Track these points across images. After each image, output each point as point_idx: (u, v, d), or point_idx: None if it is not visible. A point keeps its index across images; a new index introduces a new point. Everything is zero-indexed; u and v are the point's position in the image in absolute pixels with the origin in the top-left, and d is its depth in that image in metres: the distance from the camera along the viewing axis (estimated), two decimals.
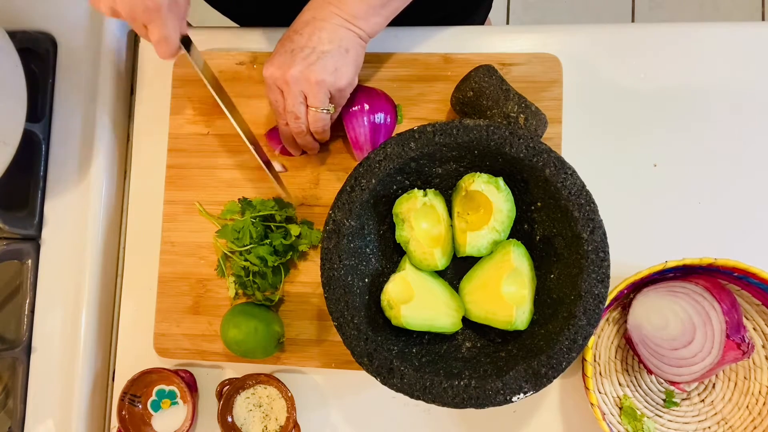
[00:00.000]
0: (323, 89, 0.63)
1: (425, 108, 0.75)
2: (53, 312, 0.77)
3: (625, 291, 0.68)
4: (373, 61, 0.75)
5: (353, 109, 0.69)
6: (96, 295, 0.77)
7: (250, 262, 0.71)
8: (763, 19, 1.72)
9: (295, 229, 0.72)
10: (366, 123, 0.68)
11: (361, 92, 0.70)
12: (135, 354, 0.77)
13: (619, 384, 0.71)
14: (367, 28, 0.65)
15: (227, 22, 0.96)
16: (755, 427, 0.66)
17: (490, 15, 1.08)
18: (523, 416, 0.73)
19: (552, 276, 0.64)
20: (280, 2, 0.76)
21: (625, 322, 0.68)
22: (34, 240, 0.78)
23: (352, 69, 0.65)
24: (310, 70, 0.62)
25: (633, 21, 1.72)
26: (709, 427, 0.69)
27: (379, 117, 0.69)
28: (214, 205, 0.76)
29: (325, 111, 0.65)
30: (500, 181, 0.63)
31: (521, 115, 0.66)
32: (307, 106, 0.65)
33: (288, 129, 0.69)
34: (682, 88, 0.74)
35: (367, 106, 0.69)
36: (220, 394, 0.73)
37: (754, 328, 0.69)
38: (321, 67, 0.62)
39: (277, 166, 0.74)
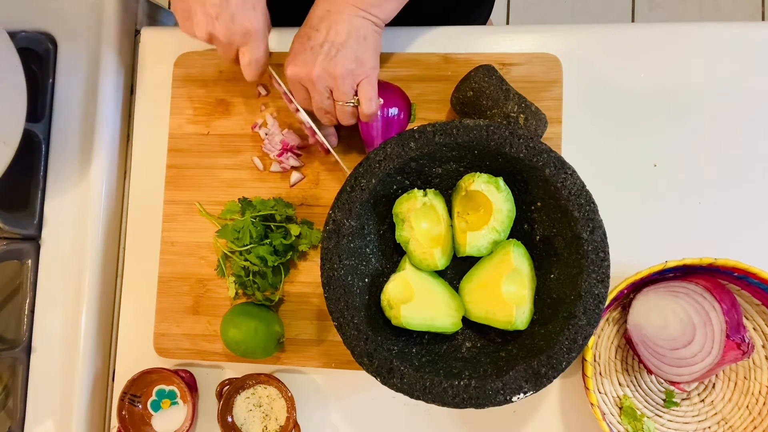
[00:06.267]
0: (347, 82, 0.64)
1: (425, 108, 0.75)
2: (53, 312, 0.77)
3: (625, 291, 0.68)
4: None
5: None
6: (96, 295, 0.77)
7: (250, 262, 0.71)
8: (763, 19, 1.72)
9: (295, 229, 0.72)
10: (379, 117, 0.68)
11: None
12: (135, 354, 0.77)
13: (619, 384, 0.71)
14: (382, 15, 0.65)
15: None
16: (755, 427, 0.66)
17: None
18: (523, 416, 0.73)
19: (552, 276, 0.64)
20: (291, 1, 0.76)
21: (625, 322, 0.68)
22: (34, 240, 0.78)
23: (372, 54, 0.65)
24: (332, 64, 0.62)
25: (633, 21, 1.72)
26: (709, 427, 0.69)
27: (393, 112, 0.69)
28: (214, 205, 0.76)
29: (350, 104, 0.65)
30: (500, 181, 0.63)
31: (521, 115, 0.66)
32: (334, 100, 0.65)
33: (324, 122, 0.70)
34: (682, 88, 0.74)
35: (381, 100, 0.69)
36: (220, 394, 0.73)
37: (754, 328, 0.69)
38: (342, 59, 0.63)
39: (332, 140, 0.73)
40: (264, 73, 0.68)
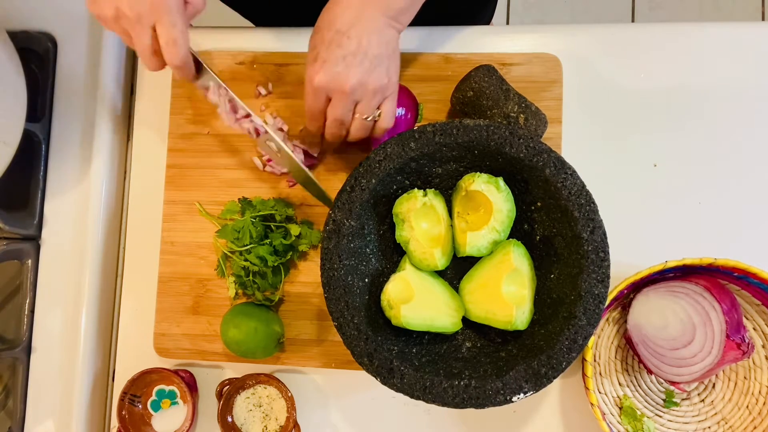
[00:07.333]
0: (377, 97, 0.62)
1: (425, 108, 0.75)
2: (53, 312, 0.77)
3: (625, 291, 0.68)
4: None
5: None
6: (96, 295, 0.77)
7: (250, 262, 0.71)
8: (763, 19, 1.72)
9: (295, 229, 0.72)
10: None
11: None
12: (135, 354, 0.77)
13: (619, 384, 0.71)
14: (406, 21, 0.64)
15: (236, 21, 0.96)
16: (755, 427, 0.66)
17: None
18: (523, 416, 0.73)
19: (552, 276, 0.64)
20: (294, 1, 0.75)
21: (625, 322, 0.68)
22: (34, 240, 0.78)
23: (397, 69, 0.64)
24: (368, 78, 0.60)
25: (633, 21, 1.72)
26: (709, 427, 0.69)
27: (400, 111, 0.69)
28: (214, 205, 0.76)
29: (371, 119, 0.63)
30: (500, 181, 0.63)
31: (521, 115, 0.66)
32: (354, 114, 0.63)
33: (315, 130, 0.67)
34: (682, 88, 0.74)
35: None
36: (220, 394, 0.73)
37: (754, 328, 0.69)
38: (377, 73, 0.60)
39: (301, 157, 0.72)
40: (187, 56, 0.61)
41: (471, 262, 0.66)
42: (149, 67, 0.62)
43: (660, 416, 0.70)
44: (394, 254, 0.68)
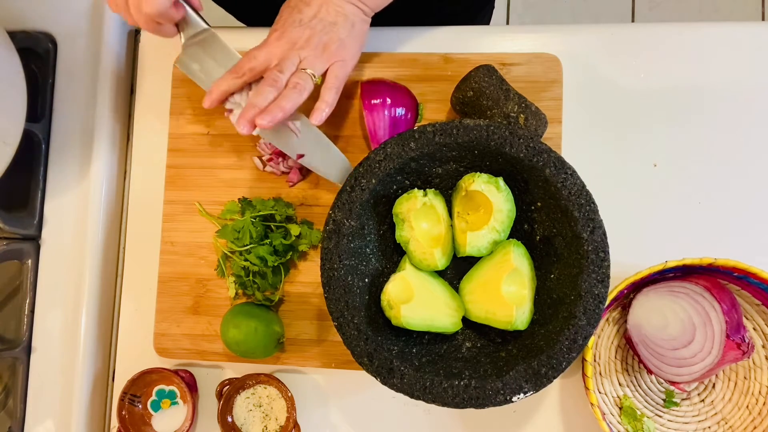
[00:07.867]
0: (326, 55, 0.64)
1: (425, 108, 0.75)
2: (53, 312, 0.77)
3: (625, 291, 0.68)
4: (374, 61, 0.75)
5: (375, 101, 0.69)
6: (96, 295, 0.77)
7: (250, 262, 0.71)
8: (763, 19, 1.72)
9: (295, 229, 0.72)
10: (386, 116, 0.69)
11: (384, 86, 0.70)
12: (135, 354, 0.77)
13: (619, 384, 0.71)
14: (372, 4, 0.67)
15: (229, 22, 0.96)
16: (755, 427, 0.66)
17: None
18: (523, 416, 0.73)
19: (552, 276, 0.64)
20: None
21: (625, 322, 0.68)
22: (34, 240, 0.78)
23: (356, 44, 0.66)
24: (317, 37, 0.64)
25: (633, 21, 1.72)
26: (709, 427, 0.69)
27: (400, 111, 0.70)
28: (214, 205, 0.76)
29: (313, 76, 0.64)
30: (500, 181, 0.63)
31: (521, 115, 0.66)
32: (298, 69, 0.64)
33: (232, 86, 0.65)
34: (682, 88, 0.74)
35: (389, 100, 0.69)
36: (220, 394, 0.73)
37: (754, 328, 0.69)
38: (327, 36, 0.64)
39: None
40: (162, 13, 0.61)
41: (471, 262, 0.66)
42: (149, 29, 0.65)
43: (660, 416, 0.70)
44: (394, 254, 0.68)
